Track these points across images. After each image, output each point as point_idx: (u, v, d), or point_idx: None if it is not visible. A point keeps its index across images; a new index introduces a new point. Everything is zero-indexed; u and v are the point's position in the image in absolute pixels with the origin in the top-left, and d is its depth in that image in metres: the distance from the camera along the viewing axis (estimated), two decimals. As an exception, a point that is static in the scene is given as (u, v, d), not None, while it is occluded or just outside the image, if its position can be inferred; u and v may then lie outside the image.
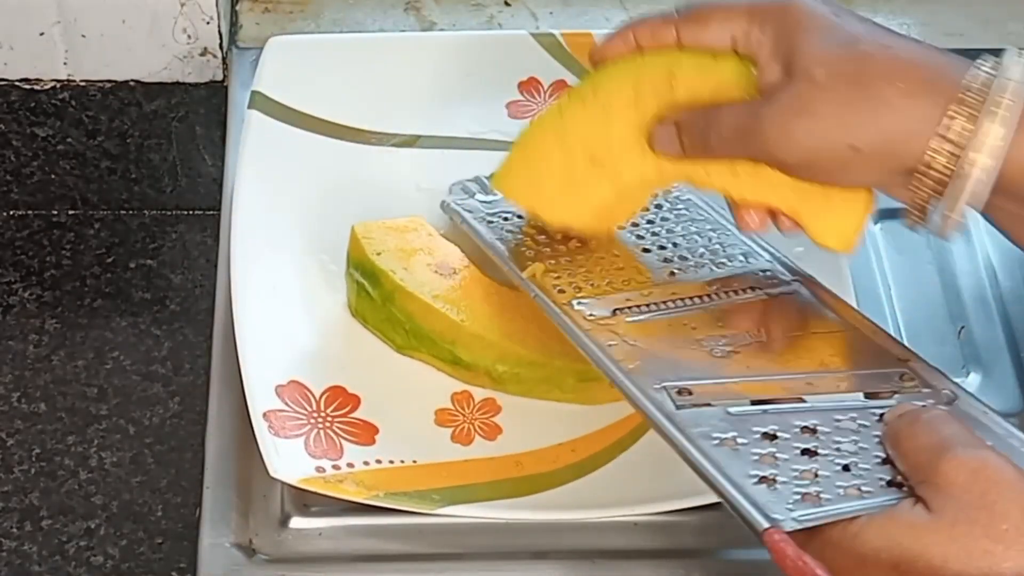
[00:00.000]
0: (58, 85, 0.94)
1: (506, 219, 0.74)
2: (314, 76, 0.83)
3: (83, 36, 0.92)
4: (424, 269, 0.73)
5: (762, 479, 0.56)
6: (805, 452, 0.57)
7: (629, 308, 0.68)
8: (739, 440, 0.58)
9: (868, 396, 0.62)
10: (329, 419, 0.70)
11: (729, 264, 0.72)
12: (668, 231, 0.74)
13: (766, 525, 0.54)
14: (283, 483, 0.67)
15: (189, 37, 0.92)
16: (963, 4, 1.01)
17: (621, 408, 0.71)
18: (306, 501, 0.70)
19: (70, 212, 1.00)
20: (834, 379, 0.63)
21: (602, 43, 0.68)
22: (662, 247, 0.73)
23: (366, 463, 0.68)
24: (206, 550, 0.69)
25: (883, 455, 0.57)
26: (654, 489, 0.69)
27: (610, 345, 0.65)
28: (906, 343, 0.67)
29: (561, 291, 0.69)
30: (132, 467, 0.88)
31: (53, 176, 0.98)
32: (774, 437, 0.58)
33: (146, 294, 0.96)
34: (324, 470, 0.67)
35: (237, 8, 0.98)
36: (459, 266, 0.74)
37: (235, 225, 0.75)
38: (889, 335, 0.67)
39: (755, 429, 0.58)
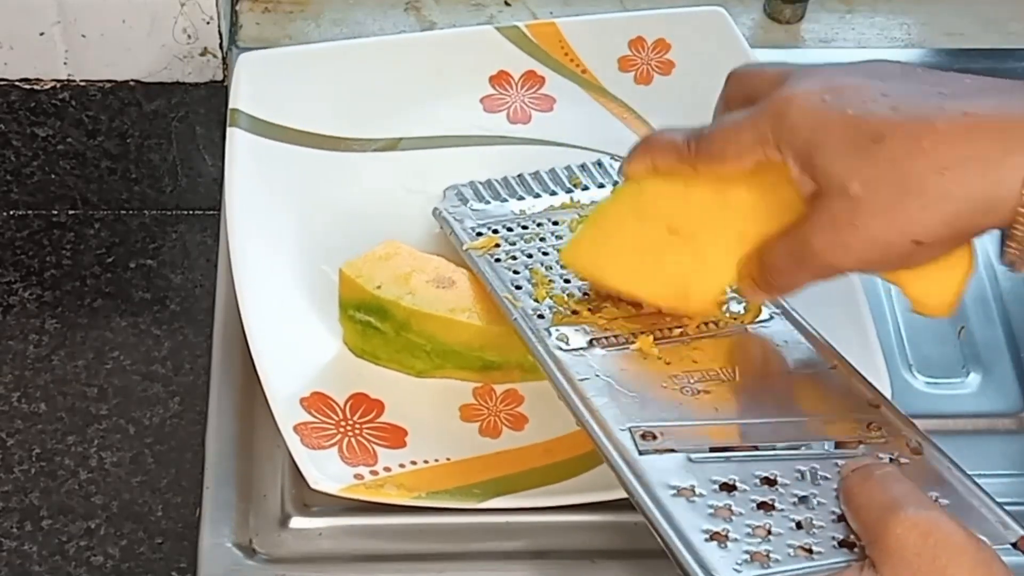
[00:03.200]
0: (58, 85, 0.94)
1: (495, 232, 0.75)
2: (289, 89, 0.83)
3: (83, 36, 0.92)
4: (427, 287, 0.73)
5: (714, 535, 0.56)
6: (761, 506, 0.57)
7: (606, 339, 0.67)
8: (697, 490, 0.58)
9: (836, 445, 0.62)
10: (357, 426, 0.70)
11: None
12: None
13: None
14: (326, 494, 0.67)
15: (189, 37, 0.92)
16: (963, 4, 1.01)
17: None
18: (306, 501, 0.70)
19: (70, 212, 1.00)
20: (801, 425, 0.63)
21: (626, 163, 0.65)
22: None
23: (402, 465, 0.69)
24: (206, 550, 0.69)
25: (839, 511, 0.57)
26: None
27: (582, 380, 0.64)
28: (872, 388, 0.65)
29: (540, 315, 0.69)
30: (132, 467, 0.88)
31: (53, 176, 0.98)
32: (732, 488, 0.58)
33: (146, 294, 0.96)
34: (363, 477, 0.67)
35: (237, 8, 0.98)
36: (454, 274, 0.74)
37: (234, 246, 0.75)
38: (863, 378, 0.66)
39: (714, 478, 0.58)
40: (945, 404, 0.78)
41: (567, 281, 0.71)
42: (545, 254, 0.73)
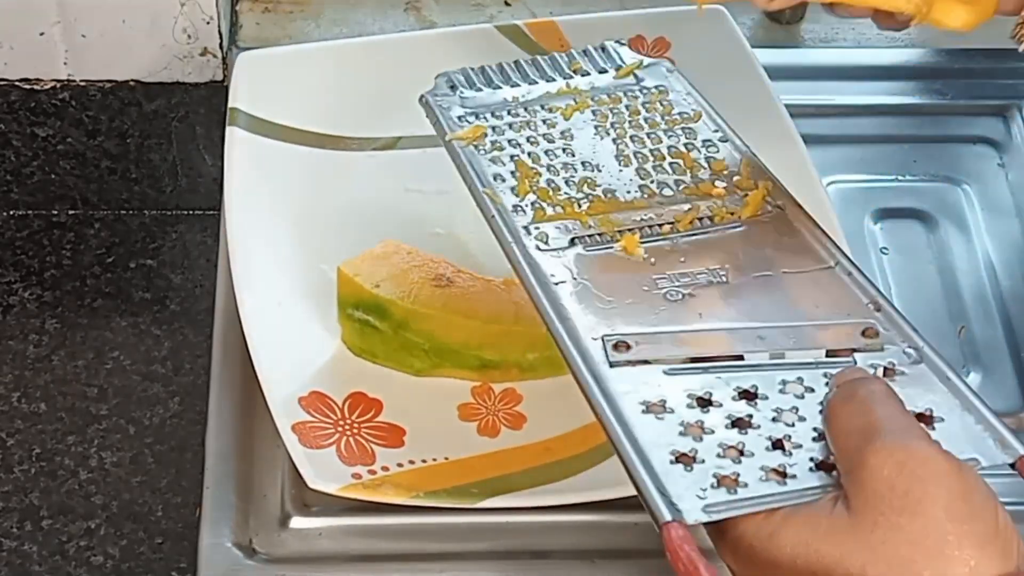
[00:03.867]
0: (58, 85, 0.94)
1: (484, 120, 0.70)
2: (288, 88, 0.83)
3: (83, 36, 0.92)
4: (425, 286, 0.73)
5: (680, 457, 0.51)
6: (737, 423, 0.53)
7: (589, 237, 0.63)
8: (668, 405, 0.53)
9: (828, 354, 0.56)
10: (356, 426, 0.70)
11: (708, 186, 0.66)
12: (652, 141, 0.69)
13: (668, 518, 0.49)
14: (324, 494, 0.67)
15: (189, 37, 0.92)
16: (963, 4, 1.01)
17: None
18: (306, 501, 0.70)
19: (70, 212, 1.00)
20: (792, 332, 0.58)
21: None
22: (641, 157, 0.68)
23: (400, 465, 0.69)
24: (206, 550, 0.69)
25: (821, 428, 0.53)
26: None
27: (557, 283, 0.60)
28: (879, 289, 0.60)
29: (520, 210, 0.64)
30: (132, 467, 0.87)
31: (53, 176, 0.98)
32: (707, 403, 0.54)
33: (146, 294, 0.96)
34: (361, 476, 0.67)
35: (237, 8, 0.98)
36: (451, 273, 0.74)
37: (233, 246, 0.75)
38: (865, 277, 0.60)
39: (688, 391, 0.54)
40: (945, 404, 0.78)
41: (554, 172, 0.66)
42: (534, 143, 0.68)
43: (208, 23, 0.92)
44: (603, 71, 0.73)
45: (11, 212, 0.99)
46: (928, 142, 0.92)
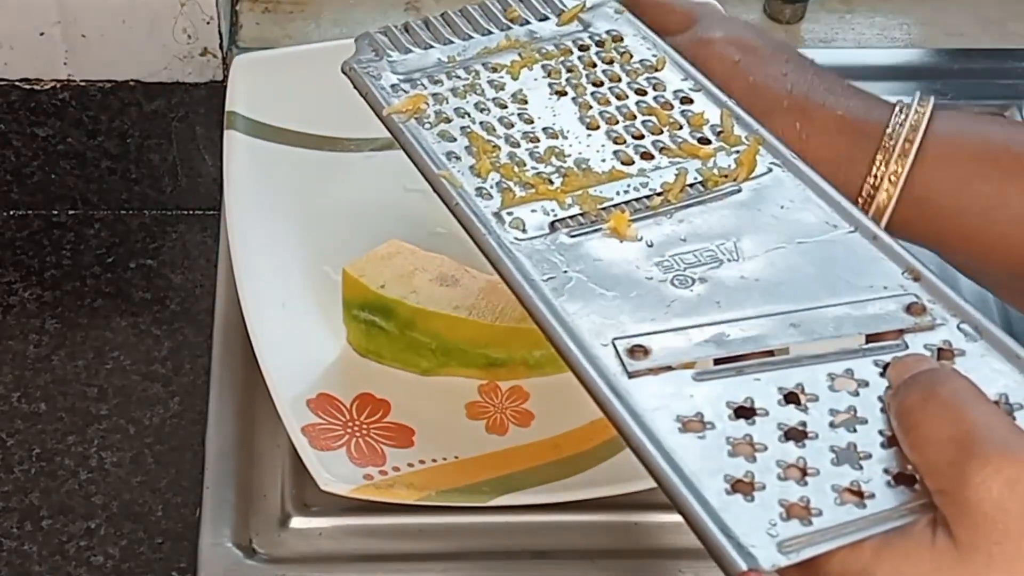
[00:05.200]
0: (58, 85, 0.94)
1: (422, 87, 0.61)
2: (285, 90, 0.83)
3: (83, 36, 0.91)
4: (430, 286, 0.73)
5: (736, 484, 0.44)
6: (790, 433, 0.45)
7: (571, 218, 0.54)
8: (707, 419, 0.45)
9: (869, 339, 0.48)
10: (365, 427, 0.70)
11: (691, 146, 0.58)
12: (617, 98, 0.60)
13: (743, 567, 0.41)
14: (335, 495, 0.67)
15: (189, 37, 0.92)
16: (963, 4, 1.01)
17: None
18: (306, 501, 0.70)
19: (70, 212, 0.99)
20: (825, 314, 0.49)
21: None
22: (609, 118, 0.59)
23: (410, 465, 0.69)
24: (206, 550, 0.69)
25: (888, 430, 0.45)
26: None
27: (547, 279, 0.51)
28: (910, 252, 0.52)
29: (486, 194, 0.55)
30: (132, 467, 0.87)
31: (53, 176, 0.98)
32: (751, 412, 0.46)
33: (146, 294, 0.96)
34: (372, 477, 0.67)
35: (237, 8, 0.98)
36: (457, 272, 0.74)
37: (235, 249, 0.75)
38: (894, 239, 0.52)
39: (727, 400, 0.46)
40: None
41: (514, 144, 0.58)
42: (484, 110, 0.59)
43: (208, 23, 0.92)
44: (544, 18, 0.65)
45: (11, 212, 0.99)
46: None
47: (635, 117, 0.59)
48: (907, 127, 0.60)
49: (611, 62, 0.62)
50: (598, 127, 0.58)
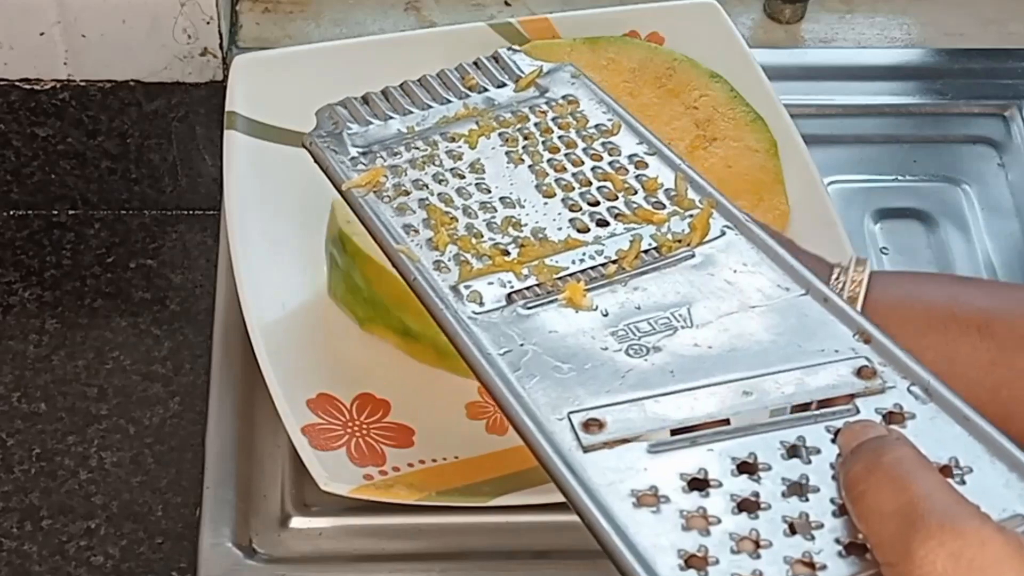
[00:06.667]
0: (58, 85, 0.94)
1: (381, 159, 0.62)
2: (284, 90, 0.83)
3: (83, 36, 0.92)
4: None
5: (690, 560, 0.44)
6: (743, 505, 0.45)
7: (527, 289, 0.55)
8: (661, 494, 0.46)
9: (821, 404, 0.49)
10: (365, 427, 0.70)
11: (646, 211, 0.58)
12: (573, 164, 0.60)
13: None
14: (336, 495, 0.67)
15: (189, 37, 0.92)
16: (963, 4, 1.01)
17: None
18: (306, 501, 0.70)
19: (70, 212, 1.00)
20: (778, 380, 0.50)
21: None
22: (565, 185, 0.59)
23: (410, 465, 0.69)
24: (206, 550, 0.69)
25: (839, 499, 0.45)
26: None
27: (503, 352, 0.52)
28: (860, 314, 0.52)
29: (444, 267, 0.56)
30: (132, 467, 0.87)
31: (53, 176, 0.98)
32: (705, 484, 0.46)
33: (146, 294, 0.96)
34: (372, 477, 0.67)
35: (237, 8, 0.98)
36: None
37: (235, 250, 0.75)
38: (844, 302, 0.53)
39: (681, 472, 0.46)
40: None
41: (472, 215, 0.58)
42: (442, 181, 0.60)
43: (208, 23, 0.92)
44: (501, 84, 0.65)
45: (11, 212, 0.99)
46: (928, 142, 0.93)
47: (590, 183, 0.59)
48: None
49: (567, 127, 0.62)
50: (554, 195, 0.59)
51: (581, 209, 0.58)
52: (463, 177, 0.60)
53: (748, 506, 0.45)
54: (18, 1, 0.90)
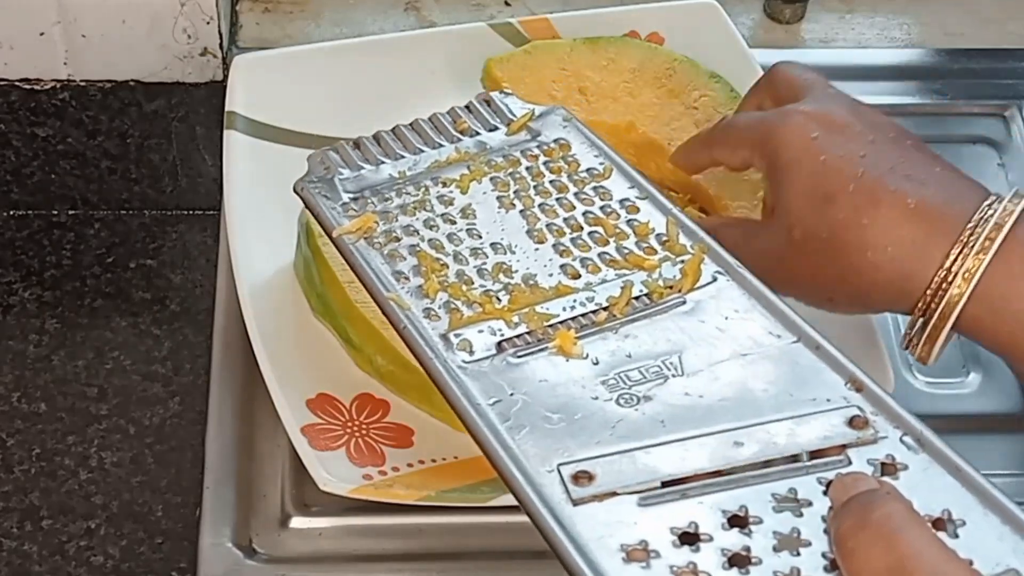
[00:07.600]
0: (58, 85, 0.94)
1: (372, 205, 0.62)
2: (284, 90, 0.83)
3: (83, 36, 0.92)
4: None
5: None
6: (734, 560, 0.45)
7: (518, 337, 0.54)
8: (651, 549, 0.45)
9: (813, 455, 0.48)
10: (364, 427, 0.70)
11: (637, 257, 0.58)
12: (564, 208, 0.61)
13: None
14: (335, 495, 0.66)
15: (189, 37, 0.92)
16: (963, 4, 1.01)
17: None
18: (306, 501, 0.70)
19: (70, 212, 1.00)
20: (769, 430, 0.49)
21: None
22: (556, 231, 0.60)
23: (410, 465, 0.68)
24: (206, 550, 0.69)
25: (831, 552, 0.45)
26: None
27: (493, 402, 0.51)
28: (852, 362, 0.52)
29: (434, 315, 0.56)
30: (132, 467, 0.87)
31: (53, 176, 0.98)
32: (695, 538, 0.45)
33: (146, 294, 0.96)
34: (371, 477, 0.67)
35: (237, 8, 0.98)
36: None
37: (235, 248, 0.75)
38: (836, 351, 0.52)
39: (671, 526, 0.46)
40: (945, 404, 0.78)
41: (463, 261, 0.58)
42: (433, 227, 0.60)
43: (208, 23, 0.92)
44: (493, 128, 0.65)
45: (11, 212, 0.99)
46: (928, 142, 0.92)
47: (582, 228, 0.59)
48: (991, 224, 0.59)
49: (559, 172, 0.62)
50: (545, 240, 0.59)
51: (572, 255, 0.58)
52: (454, 223, 0.60)
53: (739, 561, 0.45)
54: (18, 1, 0.90)
